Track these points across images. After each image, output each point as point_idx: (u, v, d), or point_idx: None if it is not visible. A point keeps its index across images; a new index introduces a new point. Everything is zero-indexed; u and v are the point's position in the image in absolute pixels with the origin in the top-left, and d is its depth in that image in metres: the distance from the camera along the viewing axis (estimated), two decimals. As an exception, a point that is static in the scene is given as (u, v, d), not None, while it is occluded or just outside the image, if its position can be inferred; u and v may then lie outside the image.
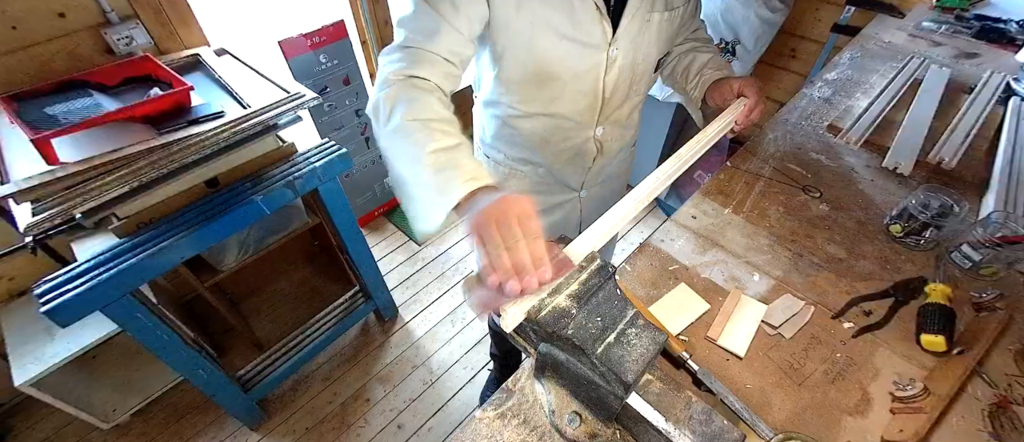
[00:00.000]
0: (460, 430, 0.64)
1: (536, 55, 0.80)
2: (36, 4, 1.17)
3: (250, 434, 1.65)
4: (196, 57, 1.39)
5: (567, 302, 0.56)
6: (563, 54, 0.79)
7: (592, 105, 0.89)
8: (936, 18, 1.65)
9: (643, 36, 0.83)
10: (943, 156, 1.04)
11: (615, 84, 0.87)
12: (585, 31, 0.77)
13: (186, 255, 1.13)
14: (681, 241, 0.92)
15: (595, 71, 0.83)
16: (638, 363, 0.52)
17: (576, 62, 0.81)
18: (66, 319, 0.98)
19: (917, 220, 0.86)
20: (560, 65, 0.81)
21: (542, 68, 0.81)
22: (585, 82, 0.85)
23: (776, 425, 0.65)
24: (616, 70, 0.85)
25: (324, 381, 1.79)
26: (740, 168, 1.07)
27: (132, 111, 1.10)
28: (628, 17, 0.79)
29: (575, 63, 0.81)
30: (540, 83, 0.84)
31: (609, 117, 0.94)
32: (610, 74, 0.85)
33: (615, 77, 0.86)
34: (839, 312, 0.78)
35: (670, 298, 0.81)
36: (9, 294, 1.49)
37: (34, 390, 1.32)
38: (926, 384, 0.68)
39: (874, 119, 1.16)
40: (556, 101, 0.87)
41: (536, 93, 0.86)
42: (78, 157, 1.02)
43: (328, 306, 1.79)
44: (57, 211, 0.97)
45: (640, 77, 0.91)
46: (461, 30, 0.72)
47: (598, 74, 0.84)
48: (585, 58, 0.81)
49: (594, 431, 0.61)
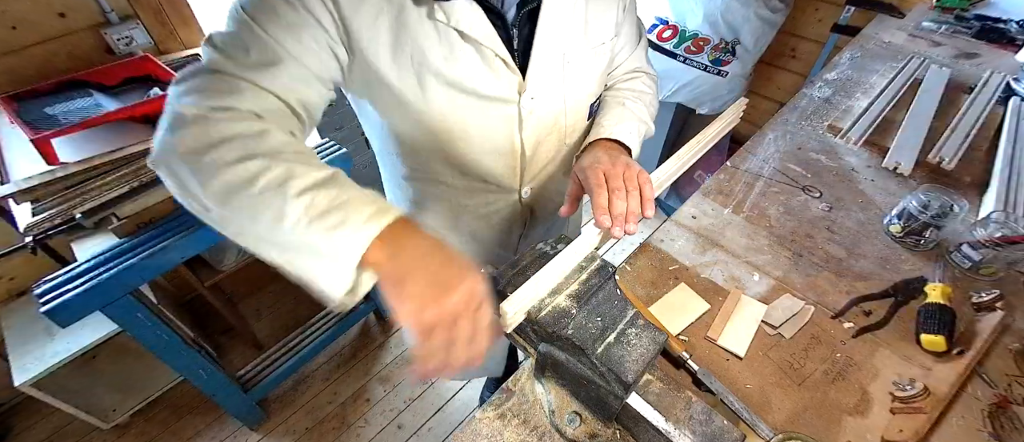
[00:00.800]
0: (460, 430, 0.64)
1: (432, 111, 0.64)
2: (36, 4, 1.17)
3: (250, 434, 1.65)
4: (196, 57, 1.39)
5: (567, 302, 0.56)
6: (464, 110, 0.65)
7: (511, 166, 0.75)
8: (936, 18, 1.65)
9: (565, 81, 0.70)
10: (943, 156, 1.04)
11: (537, 140, 0.73)
12: (488, 84, 0.63)
13: (186, 255, 1.12)
14: (681, 241, 0.92)
15: (508, 127, 0.69)
16: (638, 363, 0.52)
17: (483, 118, 0.67)
18: (66, 319, 0.98)
19: (917, 220, 0.86)
20: (463, 123, 0.67)
21: (442, 127, 0.66)
22: (497, 140, 0.70)
23: (776, 425, 0.65)
24: (535, 124, 0.71)
25: (324, 381, 1.79)
26: (740, 168, 1.07)
27: (132, 111, 1.10)
28: (537, 62, 0.65)
29: (482, 119, 0.67)
30: (444, 143, 0.69)
31: (536, 177, 0.81)
32: (528, 131, 0.71)
33: (535, 133, 0.72)
34: (839, 312, 0.78)
35: (670, 298, 0.81)
36: (9, 294, 1.49)
37: (34, 390, 1.32)
38: (926, 384, 0.68)
39: (874, 119, 1.16)
40: (466, 163, 0.73)
41: (441, 154, 0.71)
42: (78, 157, 1.02)
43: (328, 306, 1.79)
44: (57, 211, 0.97)
45: (572, 128, 0.77)
46: (312, 68, 0.54)
47: (511, 130, 0.70)
48: (491, 113, 0.67)
49: (594, 431, 0.61)
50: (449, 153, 0.71)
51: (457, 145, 0.70)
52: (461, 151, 0.71)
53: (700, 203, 0.99)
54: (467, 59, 0.61)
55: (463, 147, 0.70)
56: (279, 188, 0.43)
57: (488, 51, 0.61)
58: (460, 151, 0.71)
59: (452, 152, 0.71)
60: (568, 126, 0.76)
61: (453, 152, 0.71)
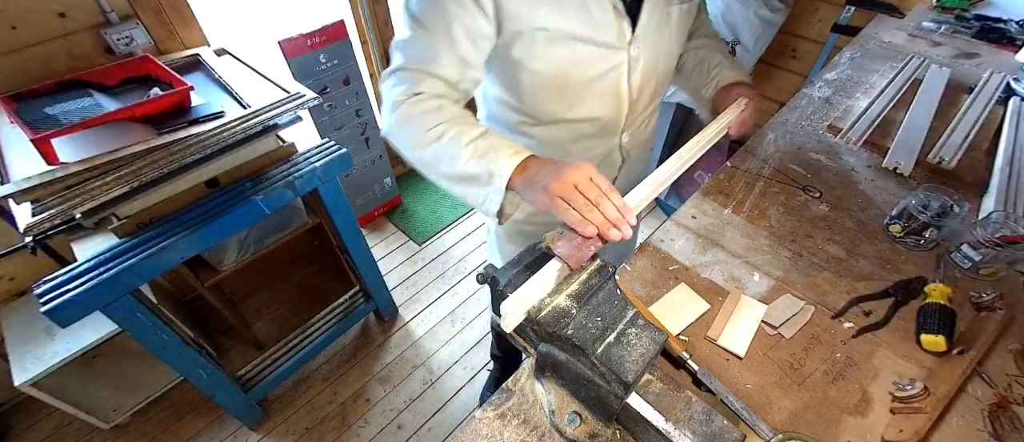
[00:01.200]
0: (460, 430, 0.64)
1: (552, 62, 0.74)
2: (36, 4, 1.17)
3: (250, 434, 1.65)
4: (196, 57, 1.39)
5: (567, 302, 0.56)
6: (581, 58, 0.74)
7: (618, 109, 0.83)
8: (936, 18, 1.65)
9: (663, 32, 0.78)
10: (943, 156, 1.04)
11: (641, 85, 0.82)
12: (602, 31, 0.72)
13: (186, 255, 1.12)
14: (681, 241, 0.92)
15: (617, 73, 0.78)
16: (638, 363, 0.52)
17: (596, 65, 0.76)
18: (66, 319, 0.98)
19: (917, 220, 0.86)
20: (579, 69, 0.75)
21: (560, 74, 0.76)
22: (608, 85, 0.79)
23: (776, 425, 0.65)
24: (640, 70, 0.79)
25: (324, 381, 1.79)
26: (740, 168, 1.07)
27: (132, 111, 1.10)
28: (647, 13, 0.74)
29: (595, 66, 0.76)
30: (559, 89, 0.78)
31: (635, 122, 0.89)
32: (635, 75, 0.79)
33: (640, 78, 0.80)
34: (839, 312, 0.78)
35: (670, 298, 0.81)
36: (9, 294, 1.49)
37: (34, 390, 1.32)
38: (926, 384, 0.68)
39: (874, 119, 1.16)
40: (576, 106, 0.81)
41: (554, 100, 0.80)
42: (78, 157, 1.02)
43: (328, 306, 1.79)
44: (57, 211, 0.97)
45: (664, 76, 0.86)
46: (462, 54, 0.70)
47: (620, 76, 0.78)
48: (605, 60, 0.75)
49: (594, 431, 0.61)
50: (564, 99, 0.80)
51: (574, 90, 0.78)
52: (577, 96, 0.79)
53: (700, 203, 0.99)
54: (588, 6, 0.70)
55: (579, 92, 0.79)
56: (455, 139, 0.66)
57: (606, 3, 0.70)
58: (576, 96, 0.79)
59: (567, 97, 0.80)
60: (661, 74, 0.85)
61: (568, 97, 0.80)
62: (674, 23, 0.79)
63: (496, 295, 0.61)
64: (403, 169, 2.61)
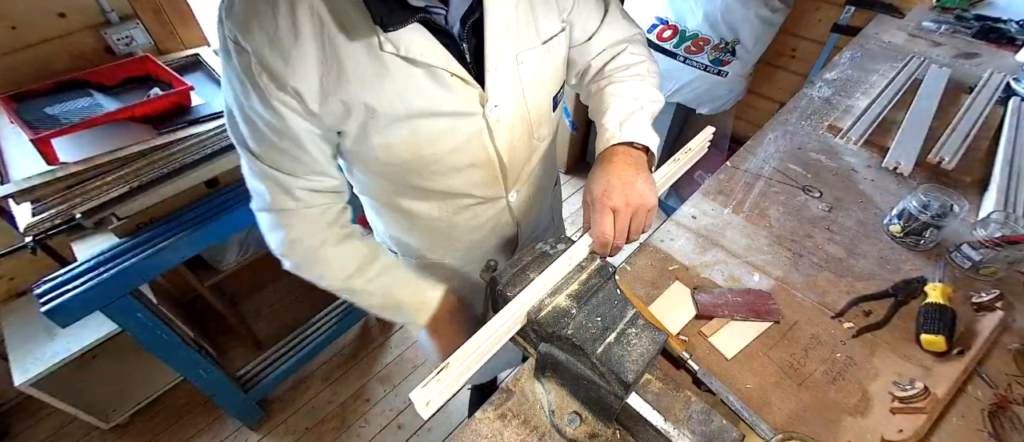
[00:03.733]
0: (460, 430, 0.64)
1: (397, 146, 0.64)
2: (36, 4, 1.17)
3: (250, 434, 1.65)
4: (196, 57, 1.39)
5: (567, 302, 0.56)
6: (431, 133, 0.65)
7: (491, 174, 0.75)
8: (936, 18, 1.65)
9: (522, 81, 0.69)
10: (943, 156, 1.04)
11: (510, 144, 0.73)
12: (447, 103, 0.63)
13: (186, 255, 1.13)
14: (681, 241, 0.92)
15: (479, 139, 0.69)
16: (638, 363, 0.52)
17: (451, 137, 0.67)
18: (66, 319, 0.98)
19: (917, 220, 0.86)
20: (433, 145, 0.66)
21: (412, 155, 0.66)
22: (471, 154, 0.70)
23: (776, 425, 0.65)
24: (505, 130, 0.71)
25: (324, 381, 1.79)
26: (740, 168, 1.07)
27: (132, 111, 1.10)
28: (493, 71, 0.64)
29: (450, 138, 0.67)
30: (418, 168, 0.70)
31: (519, 180, 0.81)
32: (499, 137, 0.70)
33: (507, 137, 0.72)
34: (839, 312, 0.78)
35: (669, 295, 0.81)
36: (9, 294, 1.49)
37: (34, 390, 1.32)
38: (926, 384, 0.68)
39: (874, 119, 1.16)
40: (444, 180, 0.73)
41: (418, 179, 0.72)
42: (78, 157, 1.02)
43: (328, 306, 1.79)
44: (57, 211, 0.97)
45: (538, 122, 0.76)
46: (313, 169, 0.63)
47: (484, 141, 0.70)
48: (461, 129, 0.66)
49: (594, 431, 0.61)
50: (430, 179, 0.72)
51: (435, 168, 0.70)
52: (441, 173, 0.71)
53: (700, 203, 0.99)
54: (423, 85, 0.60)
55: (441, 168, 0.70)
56: (362, 299, 0.72)
57: (443, 72, 0.60)
58: (440, 173, 0.71)
59: (432, 177, 0.72)
60: (534, 122, 0.75)
61: (433, 177, 0.71)
62: (533, 69, 0.69)
63: (496, 295, 0.61)
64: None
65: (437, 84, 0.61)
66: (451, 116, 0.64)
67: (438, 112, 0.63)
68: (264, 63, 0.53)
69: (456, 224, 0.82)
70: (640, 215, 0.62)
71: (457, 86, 0.62)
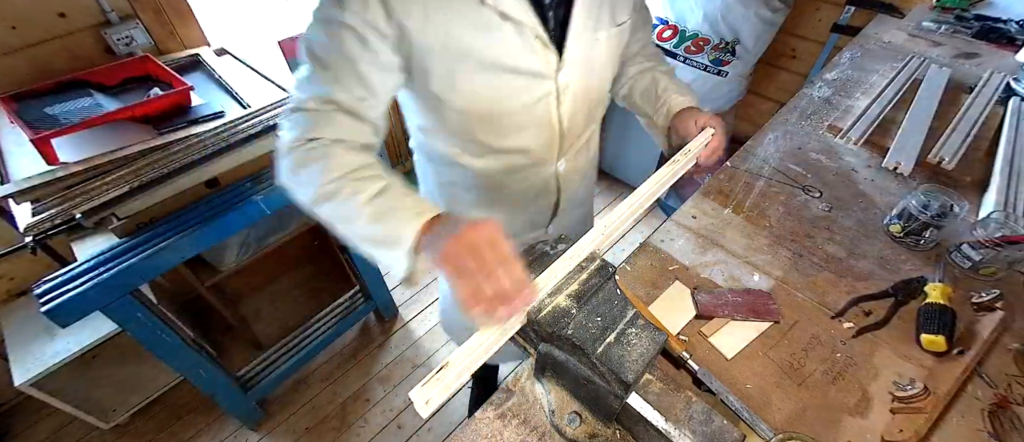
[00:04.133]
0: (460, 430, 0.64)
1: (478, 93, 0.70)
2: (36, 4, 1.17)
3: (250, 434, 1.65)
4: (196, 57, 1.39)
5: (567, 302, 0.56)
6: (506, 88, 0.71)
7: (549, 139, 0.81)
8: (936, 18, 1.65)
9: (593, 58, 0.76)
10: (943, 156, 1.04)
11: (572, 113, 0.79)
12: (528, 61, 0.69)
13: (186, 255, 1.12)
14: (681, 241, 0.92)
15: (546, 102, 0.75)
16: (638, 363, 0.52)
17: (522, 95, 0.72)
18: (66, 319, 0.98)
19: (917, 220, 0.86)
20: (504, 100, 0.72)
21: (487, 106, 0.72)
22: (537, 116, 0.76)
23: (776, 425, 0.65)
24: (570, 98, 0.77)
25: (324, 381, 1.79)
26: (740, 168, 1.07)
27: (132, 111, 1.10)
28: (573, 40, 0.71)
29: (521, 96, 0.72)
30: (485, 121, 0.75)
31: (569, 150, 0.86)
32: (564, 104, 0.77)
33: (571, 106, 0.78)
34: (839, 312, 0.79)
35: (669, 294, 0.81)
36: (9, 294, 1.49)
37: (34, 390, 1.32)
38: (926, 384, 0.68)
39: (874, 119, 1.17)
40: (505, 137, 0.78)
41: (481, 132, 0.77)
42: (78, 157, 1.02)
43: (328, 306, 1.79)
44: (57, 211, 0.97)
45: (597, 102, 0.85)
46: (367, 90, 0.64)
47: (550, 106, 0.76)
48: (532, 90, 0.72)
49: (594, 431, 0.61)
50: (494, 134, 0.78)
51: (505, 123, 0.76)
52: (506, 129, 0.77)
53: (700, 203, 0.99)
54: (508, 39, 0.66)
55: (509, 124, 0.76)
56: (351, 198, 0.58)
57: (529, 32, 0.66)
58: (505, 129, 0.77)
59: (498, 132, 0.77)
60: (596, 100, 0.84)
61: (499, 131, 0.77)
62: (603, 48, 0.76)
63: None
64: (404, 169, 2.60)
65: (522, 43, 0.67)
66: (528, 76, 0.71)
67: (518, 69, 0.69)
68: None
69: (506, 184, 0.87)
70: (719, 139, 0.79)
71: (538, 48, 0.69)
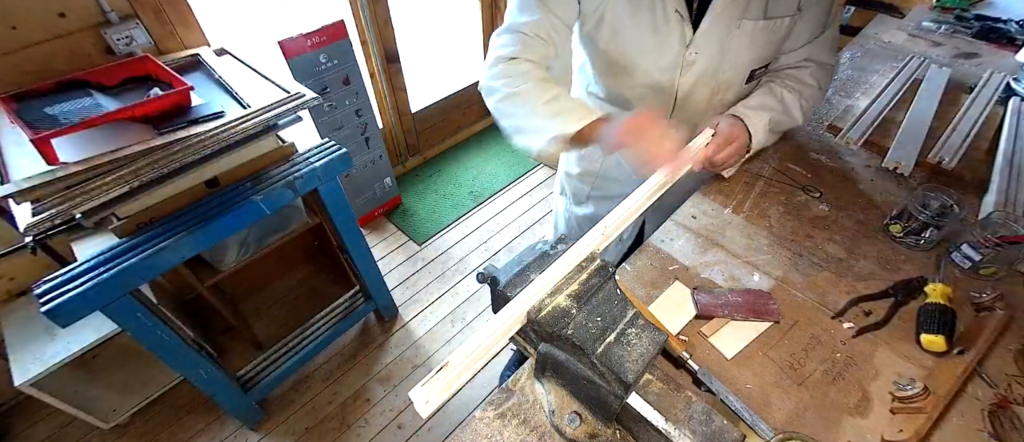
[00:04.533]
0: (460, 430, 0.64)
1: (618, 44, 0.85)
2: (36, 4, 1.17)
3: (250, 434, 1.65)
4: (196, 57, 1.39)
5: (567, 302, 0.56)
6: (641, 47, 0.84)
7: (664, 103, 0.91)
8: (936, 18, 1.65)
9: (730, 43, 0.81)
10: (943, 156, 1.04)
11: (692, 88, 0.87)
12: (663, 29, 0.80)
13: (186, 255, 1.12)
14: (681, 241, 0.92)
15: (670, 71, 0.85)
16: (638, 363, 0.52)
17: (652, 58, 0.84)
18: (66, 319, 0.98)
19: (917, 220, 0.86)
20: (637, 57, 0.85)
21: (619, 58, 0.87)
22: (659, 78, 0.87)
23: (776, 425, 0.65)
24: (694, 74, 0.85)
25: (324, 381, 1.79)
26: (740, 168, 1.07)
27: (132, 111, 1.09)
28: (709, 20, 0.79)
29: (651, 58, 0.84)
30: (616, 71, 0.90)
31: (683, 120, 0.93)
32: (686, 76, 0.86)
33: (692, 81, 0.86)
34: (839, 312, 0.78)
35: (669, 294, 0.81)
36: (9, 294, 1.49)
37: (34, 390, 1.32)
38: (926, 384, 0.68)
39: (874, 119, 1.16)
40: (629, 90, 0.92)
41: (612, 79, 0.93)
42: (78, 157, 1.02)
43: (328, 306, 1.79)
44: (57, 211, 0.97)
45: (725, 86, 0.89)
46: (558, 16, 0.82)
47: (673, 74, 0.86)
48: (661, 56, 0.83)
49: (594, 431, 0.61)
50: (622, 78, 0.91)
51: (631, 72, 0.88)
52: (632, 77, 0.89)
53: (700, 203, 0.99)
54: (656, 6, 0.78)
55: (635, 74, 0.88)
56: (535, 99, 0.79)
57: (670, 4, 0.78)
58: (632, 77, 0.89)
59: (625, 77, 0.90)
60: (721, 82, 0.88)
61: (626, 77, 0.90)
62: (746, 37, 0.81)
63: (496, 295, 0.61)
64: (403, 169, 2.60)
65: (664, 11, 0.79)
66: (658, 41, 0.82)
67: (655, 31, 0.81)
68: None
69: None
70: (727, 154, 0.82)
71: (674, 20, 0.79)
